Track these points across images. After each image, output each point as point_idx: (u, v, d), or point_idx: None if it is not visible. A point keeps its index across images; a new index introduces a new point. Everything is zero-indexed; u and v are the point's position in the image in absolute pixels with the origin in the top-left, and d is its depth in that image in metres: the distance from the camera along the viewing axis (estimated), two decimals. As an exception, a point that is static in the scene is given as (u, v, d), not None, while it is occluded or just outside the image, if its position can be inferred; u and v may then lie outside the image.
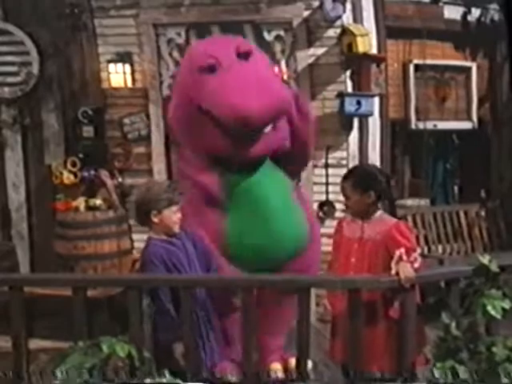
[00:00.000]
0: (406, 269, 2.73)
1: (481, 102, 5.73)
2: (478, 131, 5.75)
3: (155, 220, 2.93)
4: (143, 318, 2.80)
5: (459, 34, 5.52)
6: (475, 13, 5.57)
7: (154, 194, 2.95)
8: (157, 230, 2.98)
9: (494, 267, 2.68)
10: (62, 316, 3.01)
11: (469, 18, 5.53)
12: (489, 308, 2.52)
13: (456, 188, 6.10)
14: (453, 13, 5.49)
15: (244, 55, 3.08)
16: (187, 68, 3.27)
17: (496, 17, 5.61)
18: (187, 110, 3.14)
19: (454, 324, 2.61)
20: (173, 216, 2.95)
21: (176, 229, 2.99)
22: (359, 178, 2.99)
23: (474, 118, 5.68)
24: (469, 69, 5.61)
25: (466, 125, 5.70)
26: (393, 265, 2.75)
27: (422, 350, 2.89)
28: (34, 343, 3.19)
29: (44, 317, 3.86)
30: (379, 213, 3.00)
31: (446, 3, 5.47)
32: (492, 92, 5.77)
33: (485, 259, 2.74)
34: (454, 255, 5.46)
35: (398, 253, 2.78)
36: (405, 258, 2.77)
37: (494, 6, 5.65)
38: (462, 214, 5.60)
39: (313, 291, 2.93)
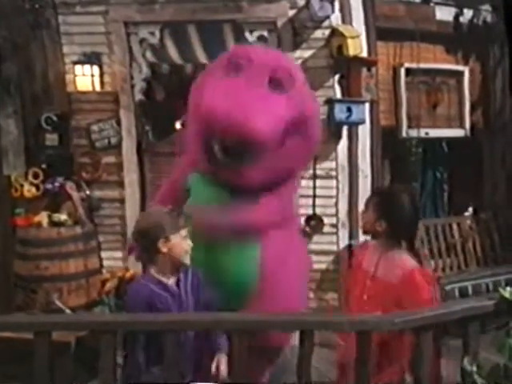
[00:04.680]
0: None
1: (473, 107, 5.45)
2: (469, 138, 5.47)
3: (164, 250, 2.51)
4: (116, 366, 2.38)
5: (451, 36, 5.25)
6: (467, 14, 5.30)
7: (158, 220, 2.55)
8: (163, 265, 2.54)
9: (517, 300, 2.37)
10: (20, 362, 2.55)
11: (461, 19, 5.27)
12: (519, 352, 2.18)
13: (445, 196, 5.81)
14: (445, 14, 5.21)
15: (275, 83, 2.88)
16: (219, 61, 3.10)
17: (488, 18, 5.37)
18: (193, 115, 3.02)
19: (475, 369, 2.28)
20: (183, 243, 2.56)
21: (187, 259, 2.58)
22: (379, 200, 2.65)
23: (467, 124, 5.41)
24: (461, 73, 5.33)
25: (458, 132, 5.41)
26: None
27: None
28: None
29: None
30: (399, 251, 2.60)
31: (437, 3, 5.19)
32: (485, 97, 5.51)
33: (506, 292, 2.44)
34: (447, 271, 5.17)
35: None
36: None
37: (486, 7, 5.40)
38: (454, 227, 5.33)
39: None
